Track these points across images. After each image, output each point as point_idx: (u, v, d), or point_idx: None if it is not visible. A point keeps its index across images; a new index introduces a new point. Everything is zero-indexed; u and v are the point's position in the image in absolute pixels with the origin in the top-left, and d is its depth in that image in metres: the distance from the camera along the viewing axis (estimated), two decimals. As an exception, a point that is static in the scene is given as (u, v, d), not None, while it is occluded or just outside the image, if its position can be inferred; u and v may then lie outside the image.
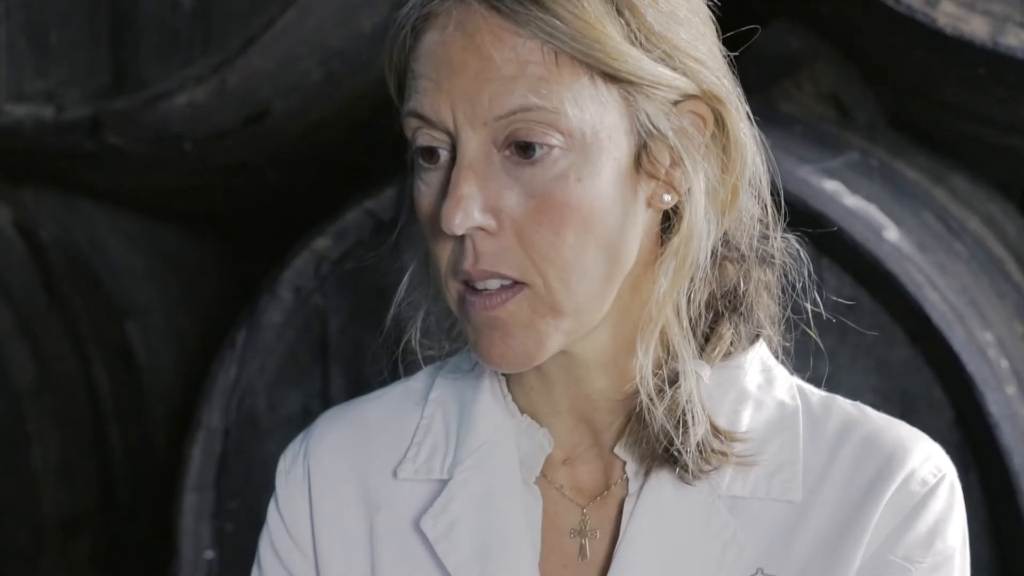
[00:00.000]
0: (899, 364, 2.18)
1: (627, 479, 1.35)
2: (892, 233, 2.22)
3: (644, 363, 1.31)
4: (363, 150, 2.61)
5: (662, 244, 1.33)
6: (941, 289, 2.19)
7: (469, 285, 1.29)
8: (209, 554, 2.49)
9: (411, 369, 1.47)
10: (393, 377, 1.48)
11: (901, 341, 2.18)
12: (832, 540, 1.31)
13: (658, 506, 1.33)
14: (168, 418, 2.96)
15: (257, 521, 2.52)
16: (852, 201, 2.23)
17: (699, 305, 1.34)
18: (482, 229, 1.27)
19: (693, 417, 1.31)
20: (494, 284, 1.28)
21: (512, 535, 1.35)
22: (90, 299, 2.93)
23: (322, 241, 2.40)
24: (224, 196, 2.93)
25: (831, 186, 2.23)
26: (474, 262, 1.28)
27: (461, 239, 1.28)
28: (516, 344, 1.29)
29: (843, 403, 1.38)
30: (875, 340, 2.17)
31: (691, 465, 1.31)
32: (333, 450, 1.43)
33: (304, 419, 2.46)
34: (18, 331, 2.80)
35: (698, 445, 1.31)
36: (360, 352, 2.45)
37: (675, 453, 1.31)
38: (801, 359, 1.44)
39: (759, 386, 1.37)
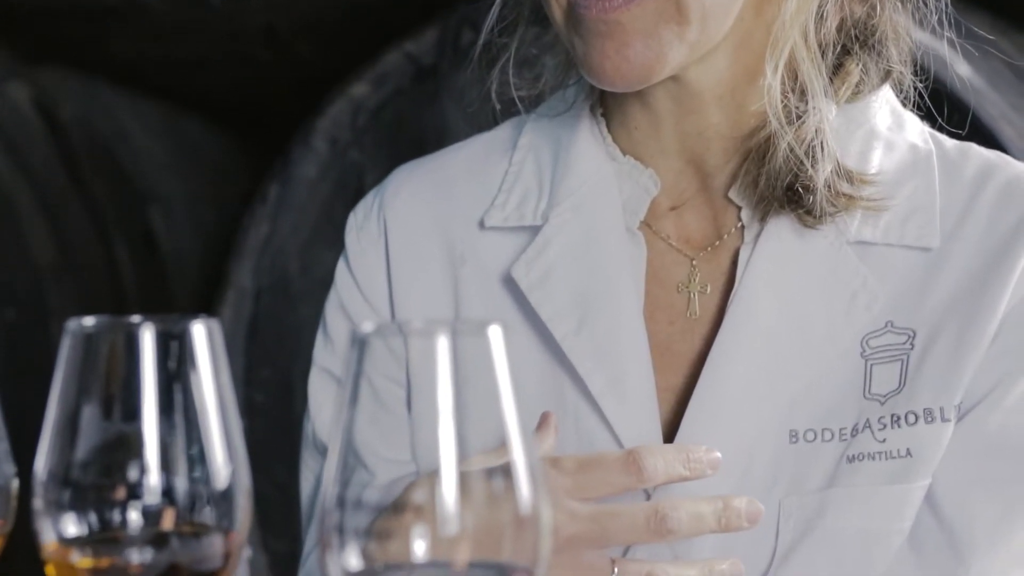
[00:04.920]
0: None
1: (742, 227, 1.24)
2: (964, 68, 2.11)
3: (772, 83, 1.18)
4: (399, 21, 2.50)
5: None
6: (1017, 125, 2.08)
7: None
8: (239, 424, 2.38)
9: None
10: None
11: (974, 180, 2.08)
12: (971, 290, 1.19)
13: (778, 255, 1.21)
14: (191, 307, 2.86)
15: (289, 393, 2.42)
16: (919, 35, 2.12)
17: (829, 31, 1.22)
18: None
19: (822, 150, 1.19)
20: None
21: (613, 285, 1.23)
22: (112, 181, 2.83)
23: (359, 87, 2.29)
24: (252, 73, 2.81)
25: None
26: None
27: None
28: (634, 55, 1.15)
29: (980, 149, 1.26)
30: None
31: (816, 205, 1.19)
32: (411, 202, 1.31)
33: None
34: (38, 208, 2.70)
35: (825, 183, 1.19)
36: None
37: (799, 189, 1.19)
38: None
39: (889, 127, 1.25)
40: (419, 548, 0.74)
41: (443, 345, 0.72)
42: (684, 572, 1.09)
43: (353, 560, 0.73)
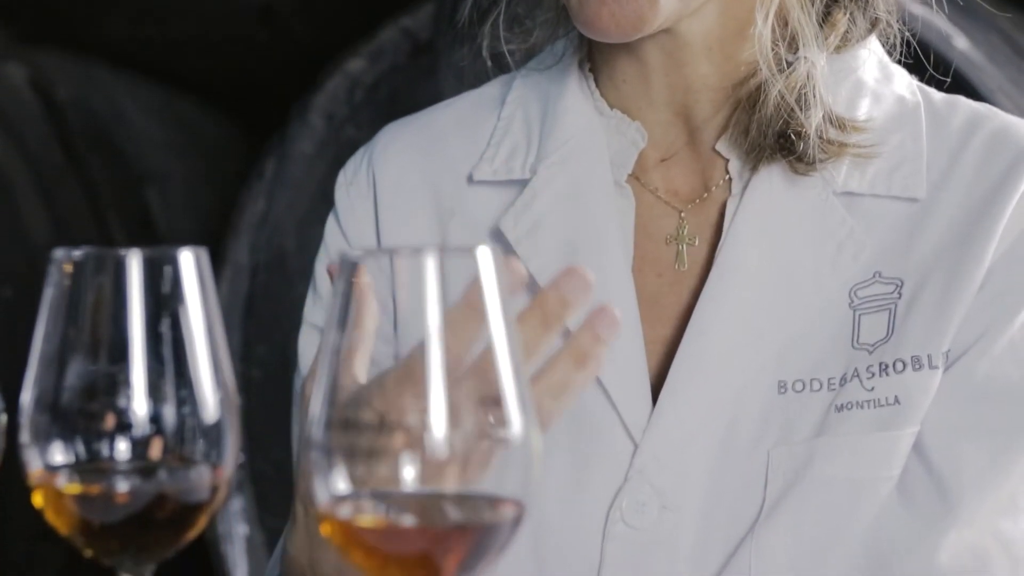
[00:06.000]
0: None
1: (729, 179, 1.24)
2: (961, 42, 2.11)
3: (763, 31, 1.19)
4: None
5: None
6: (1015, 98, 2.08)
7: None
8: (236, 400, 2.38)
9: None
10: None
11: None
12: (958, 240, 1.19)
13: (765, 206, 1.21)
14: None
15: (286, 369, 2.41)
16: (917, 9, 2.12)
17: None
18: None
19: (813, 97, 1.19)
20: None
21: (602, 238, 1.23)
22: (108, 162, 2.83)
23: (356, 62, 2.29)
24: (249, 52, 2.81)
25: (895, -6, 2.12)
26: None
27: None
28: (627, 1, 1.16)
29: (968, 100, 1.27)
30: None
31: (807, 152, 1.19)
32: (400, 157, 1.32)
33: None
34: (34, 187, 2.70)
35: (815, 130, 1.19)
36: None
37: (791, 136, 1.19)
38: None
39: (876, 79, 1.25)
40: (407, 475, 0.74)
41: (431, 266, 0.72)
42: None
43: (341, 483, 0.73)
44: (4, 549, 2.53)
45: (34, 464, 0.80)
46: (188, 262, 0.80)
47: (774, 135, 1.19)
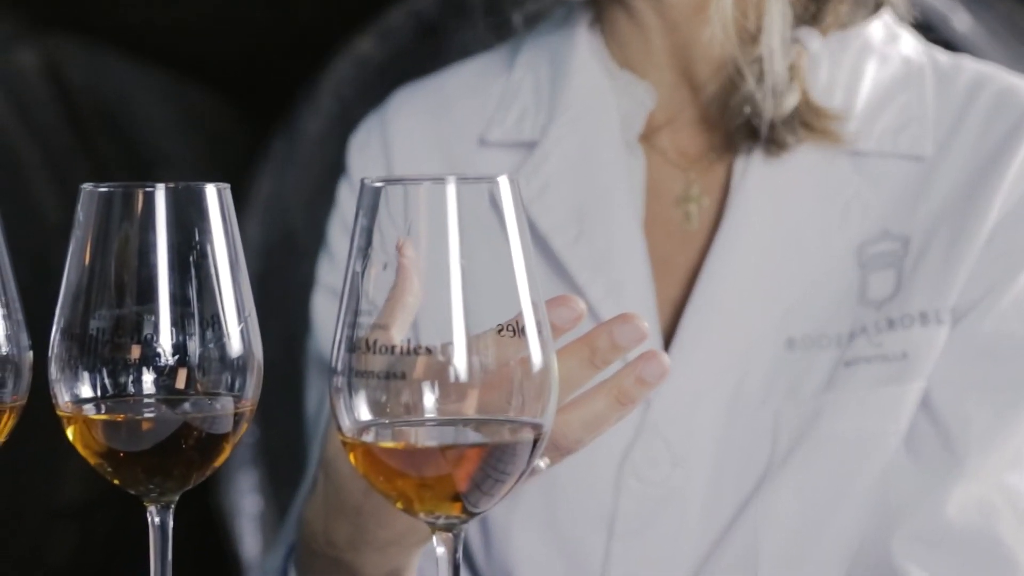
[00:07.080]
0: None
1: (735, 140, 1.25)
2: (962, 22, 2.13)
3: (724, 2, 1.20)
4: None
5: None
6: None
7: None
8: (246, 378, 2.39)
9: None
10: None
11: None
12: (963, 198, 1.21)
13: (772, 166, 1.23)
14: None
15: (296, 347, 2.44)
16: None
17: None
18: None
19: (783, 82, 1.20)
20: None
21: (611, 197, 1.25)
22: (119, 145, 2.85)
23: (364, 42, 2.30)
24: (255, 36, 2.83)
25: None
26: None
27: None
28: None
29: (974, 62, 1.29)
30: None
31: (777, 135, 1.20)
32: (412, 120, 1.33)
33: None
34: (45, 166, 2.72)
35: (782, 117, 1.21)
36: (405, 169, 2.35)
37: (752, 121, 1.21)
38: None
39: (882, 41, 1.27)
40: (428, 401, 0.75)
41: (451, 193, 0.74)
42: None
43: (363, 406, 0.75)
44: (17, 527, 2.55)
45: (62, 397, 0.82)
46: (213, 196, 0.82)
47: (743, 116, 1.21)
